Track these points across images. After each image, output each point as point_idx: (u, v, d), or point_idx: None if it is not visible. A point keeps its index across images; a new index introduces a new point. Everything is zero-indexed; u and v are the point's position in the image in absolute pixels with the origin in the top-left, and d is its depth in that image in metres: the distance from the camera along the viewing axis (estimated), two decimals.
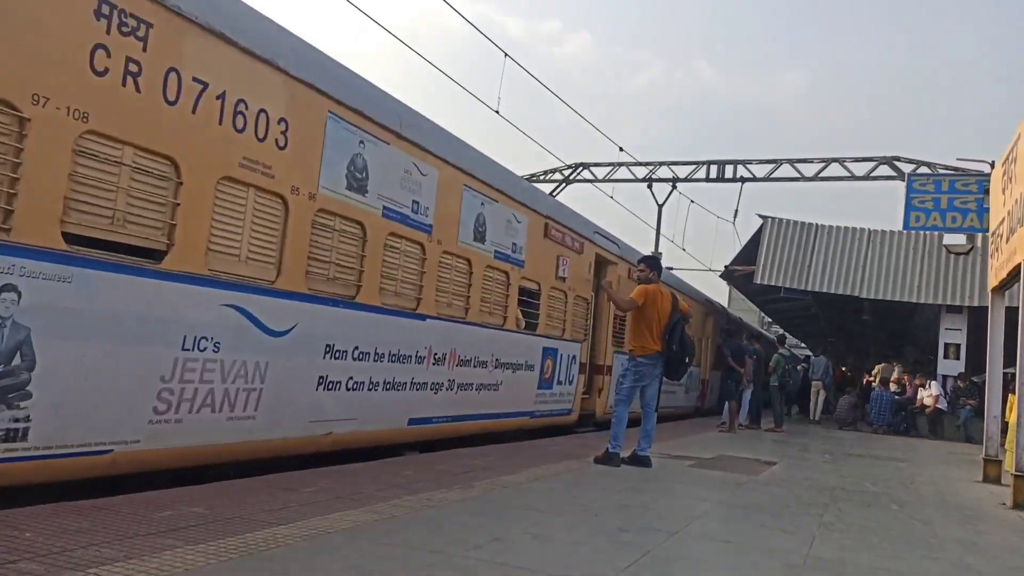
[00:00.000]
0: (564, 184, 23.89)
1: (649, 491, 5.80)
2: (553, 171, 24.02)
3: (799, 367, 17.79)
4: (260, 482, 4.90)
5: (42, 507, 3.73)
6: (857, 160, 20.50)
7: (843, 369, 24.52)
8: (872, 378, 19.34)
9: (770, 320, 37.33)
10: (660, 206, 23.81)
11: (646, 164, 23.01)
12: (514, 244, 9.06)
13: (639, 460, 7.12)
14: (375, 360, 6.55)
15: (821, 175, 20.88)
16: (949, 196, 14.69)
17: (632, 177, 23.22)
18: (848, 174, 20.54)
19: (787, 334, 29.38)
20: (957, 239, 16.32)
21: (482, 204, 8.28)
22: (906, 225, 15.47)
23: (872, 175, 20.22)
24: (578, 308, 10.92)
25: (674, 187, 23.11)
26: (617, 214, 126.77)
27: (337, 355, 6.08)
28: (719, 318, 20.24)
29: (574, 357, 10.76)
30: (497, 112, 14.69)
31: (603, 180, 23.34)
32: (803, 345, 41.02)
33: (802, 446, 11.66)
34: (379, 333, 6.61)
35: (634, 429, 7.42)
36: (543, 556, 3.54)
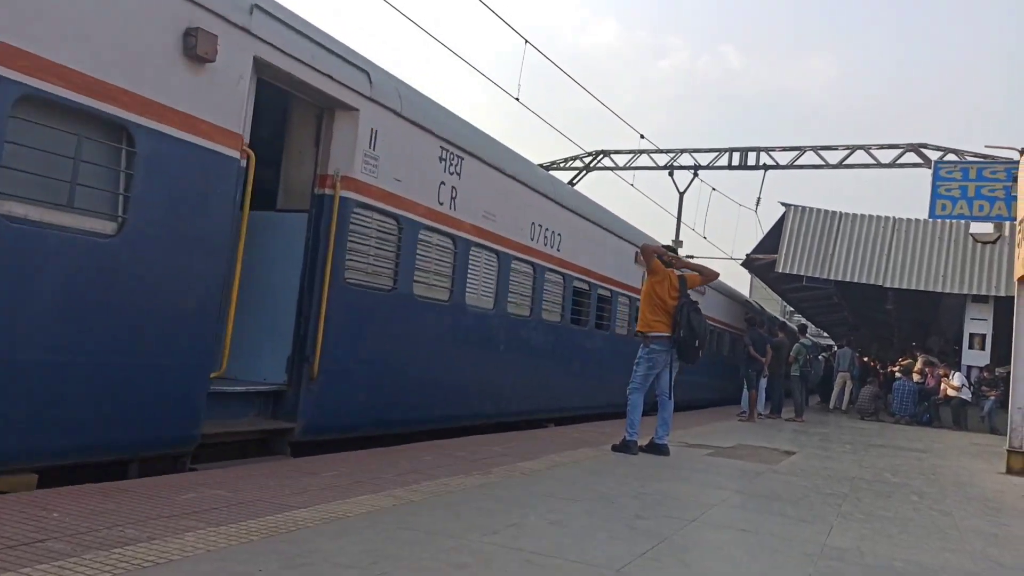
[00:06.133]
0: (584, 172, 23.80)
1: (666, 479, 5.81)
2: (573, 159, 23.92)
3: (821, 356, 17.60)
4: (282, 465, 4.98)
5: (69, 488, 3.82)
6: (883, 147, 20.19)
7: (865, 359, 24.29)
8: (897, 369, 19.15)
9: (792, 309, 37.06)
10: (681, 194, 23.64)
11: (667, 151, 22.83)
12: None
13: (657, 448, 7.13)
14: None
15: (846, 162, 20.59)
16: (976, 184, 14.43)
17: (653, 164, 23.04)
18: (874, 161, 20.23)
19: (809, 323, 29.14)
20: (984, 227, 16.07)
21: None
22: (932, 213, 15.21)
23: (898, 162, 19.92)
24: None
25: (696, 175, 22.92)
26: (638, 202, 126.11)
27: None
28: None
29: None
30: (517, 100, 14.76)
31: (624, 168, 23.20)
32: (825, 335, 40.76)
33: (822, 436, 11.59)
34: None
35: (650, 418, 7.42)
36: (560, 542, 3.56)
